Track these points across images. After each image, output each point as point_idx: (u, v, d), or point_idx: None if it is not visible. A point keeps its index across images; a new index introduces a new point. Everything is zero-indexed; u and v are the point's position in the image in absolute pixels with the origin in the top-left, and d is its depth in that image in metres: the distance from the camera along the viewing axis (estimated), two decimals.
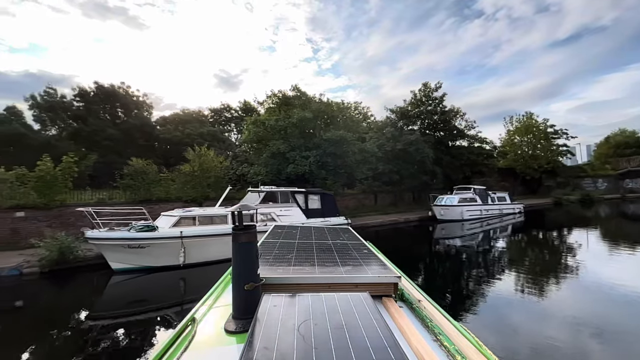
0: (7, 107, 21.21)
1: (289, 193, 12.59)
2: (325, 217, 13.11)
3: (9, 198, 11.88)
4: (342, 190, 22.76)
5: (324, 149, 16.74)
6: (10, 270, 8.88)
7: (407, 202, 27.10)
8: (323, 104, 18.55)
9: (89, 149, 24.06)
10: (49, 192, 12.50)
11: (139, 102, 27.61)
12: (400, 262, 9.82)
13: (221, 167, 17.43)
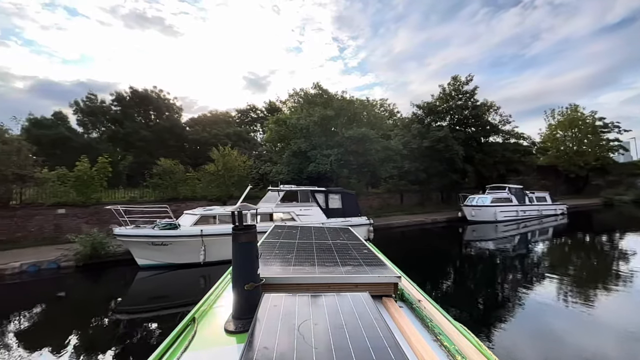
0: (55, 112, 23.20)
1: (309, 192, 12.40)
2: (346, 217, 12.76)
3: (52, 196, 12.84)
4: (367, 189, 22.23)
5: (346, 147, 16.36)
6: (50, 264, 9.53)
7: (435, 202, 25.92)
8: (345, 101, 18.16)
9: (125, 150, 25.62)
10: (86, 190, 13.36)
11: (169, 105, 28.95)
12: (426, 266, 9.29)
13: (244, 167, 17.68)
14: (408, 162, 22.43)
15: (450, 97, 25.96)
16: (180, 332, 1.45)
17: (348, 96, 18.88)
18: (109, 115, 25.78)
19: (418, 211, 22.26)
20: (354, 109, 17.75)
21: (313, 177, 16.84)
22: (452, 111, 25.56)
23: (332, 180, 18.19)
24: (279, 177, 16.74)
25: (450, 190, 25.57)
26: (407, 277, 2.35)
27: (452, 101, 25.75)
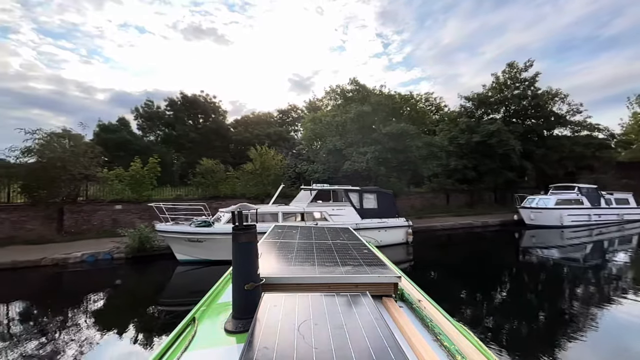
0: (119, 118, 26.12)
1: (342, 191, 11.94)
2: (382, 218, 12.05)
3: (111, 193, 14.26)
4: (408, 188, 21.00)
5: (384, 144, 15.52)
6: (104, 255, 10.49)
7: (487, 203, 23.55)
8: (383, 96, 17.25)
9: (177, 151, 27.78)
10: (139, 188, 14.58)
11: (215, 108, 30.69)
12: (473, 276, 8.09)
13: (281, 165, 17.83)
14: (455, 159, 20.65)
15: (505, 87, 23.30)
16: (180, 332, 1.46)
17: (387, 90, 17.94)
18: (163, 119, 28.19)
19: (466, 213, 20.39)
20: (392, 103, 16.77)
21: (349, 175, 16.31)
22: (508, 102, 22.93)
23: (371, 179, 17.45)
24: (314, 175, 16.55)
25: (505, 190, 23.01)
26: (408, 277, 2.32)
27: (508, 91, 23.09)
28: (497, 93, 23.29)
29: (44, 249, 10.98)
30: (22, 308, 7.06)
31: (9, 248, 11.13)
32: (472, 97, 23.47)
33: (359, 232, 11.05)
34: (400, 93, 19.52)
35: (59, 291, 8.43)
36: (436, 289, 7.90)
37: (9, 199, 12.77)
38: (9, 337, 5.37)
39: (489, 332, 5.38)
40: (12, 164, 12.31)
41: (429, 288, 7.09)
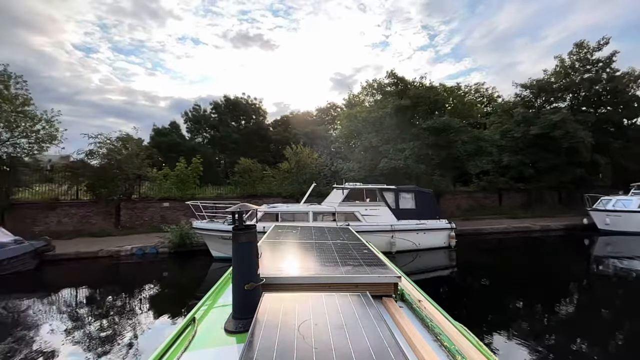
0: (170, 122, 28.43)
1: (377, 190, 11.31)
2: (420, 219, 11.16)
3: (159, 192, 15.42)
4: (453, 187, 19.40)
5: (424, 139, 14.42)
6: (151, 249, 11.30)
7: (548, 204, 20.75)
8: (424, 88, 16.04)
9: (221, 152, 29.29)
10: (183, 187, 15.55)
11: (256, 109, 31.77)
12: (531, 286, 6.98)
13: (316, 164, 17.68)
14: (508, 155, 18.50)
15: (573, 70, 20.23)
16: (180, 332, 1.46)
17: (428, 82, 16.66)
18: (208, 122, 29.96)
19: (522, 215, 18.17)
20: (434, 96, 15.50)
21: (388, 174, 15.49)
22: (575, 88, 19.90)
23: (411, 178, 16.41)
24: (349, 174, 16.05)
25: (571, 189, 20.06)
26: (408, 277, 2.31)
27: (575, 75, 20.02)
28: (562, 78, 20.29)
29: (103, 241, 12.22)
30: (82, 293, 8.06)
31: (76, 240, 12.60)
32: (530, 84, 20.77)
33: (395, 233, 10.46)
34: (444, 84, 18.04)
35: (111, 280, 9.30)
36: (484, 301, 6.98)
37: (77, 197, 14.49)
38: (71, 317, 6.26)
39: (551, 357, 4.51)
40: (79, 165, 13.92)
41: (476, 299, 6.21)
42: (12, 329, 5.67)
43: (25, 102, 13.26)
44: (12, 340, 5.22)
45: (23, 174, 13.82)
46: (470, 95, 21.95)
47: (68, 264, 10.32)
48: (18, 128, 13.06)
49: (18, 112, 13.02)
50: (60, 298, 7.58)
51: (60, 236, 12.78)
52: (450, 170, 16.33)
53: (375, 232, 10.45)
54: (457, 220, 16.24)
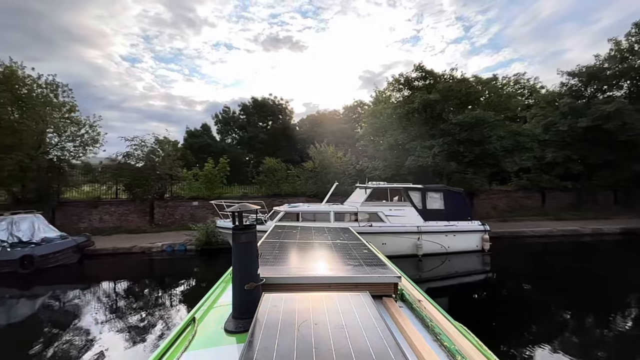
0: (202, 124, 29.65)
1: (402, 190, 10.77)
2: (450, 221, 10.45)
3: (188, 191, 16.07)
4: (489, 186, 18.08)
5: (454, 135, 13.50)
6: (179, 246, 11.76)
7: (601, 204, 18.61)
8: (454, 81, 15.04)
9: (249, 152, 30.00)
10: (211, 186, 16.05)
11: (282, 109, 32.14)
12: (581, 297, 6.25)
13: (340, 163, 17.37)
14: (553, 150, 16.83)
15: (631, 53, 17.88)
16: (180, 332, 1.47)
17: (459, 74, 15.59)
18: (237, 123, 30.84)
19: (569, 216, 16.44)
20: (466, 88, 14.46)
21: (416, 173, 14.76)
22: (634, 73, 17.57)
23: (441, 176, 15.51)
24: (375, 173, 15.55)
25: (630, 188, 17.80)
26: (408, 277, 2.32)
27: (634, 58, 17.67)
28: (618, 63, 18.00)
29: (138, 238, 12.94)
30: (116, 286, 8.67)
31: (115, 236, 13.49)
32: (579, 71, 18.69)
33: (421, 235, 9.88)
34: (479, 76, 16.80)
35: (142, 274, 9.86)
36: (523, 312, 6.29)
37: (117, 195, 15.53)
38: (105, 307, 6.89)
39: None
40: (117, 166, 14.91)
41: (513, 309, 5.58)
42: (58, 315, 6.55)
43: (71, 109, 14.46)
44: (57, 324, 5.95)
45: (70, 175, 15.10)
46: (509, 87, 20.25)
47: (106, 258, 11.06)
48: (65, 133, 14.28)
49: (65, 118, 14.24)
50: (98, 289, 8.24)
51: (101, 232, 13.78)
52: (485, 167, 15.17)
53: (400, 233, 9.96)
54: (493, 221, 15.09)
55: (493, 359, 1.28)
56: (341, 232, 3.78)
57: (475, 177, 14.84)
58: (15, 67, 12.97)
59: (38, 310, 6.96)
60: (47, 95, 13.72)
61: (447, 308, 1.75)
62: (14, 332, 5.91)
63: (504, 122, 14.39)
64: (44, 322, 6.22)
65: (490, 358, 1.27)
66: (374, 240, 9.84)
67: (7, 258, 8.79)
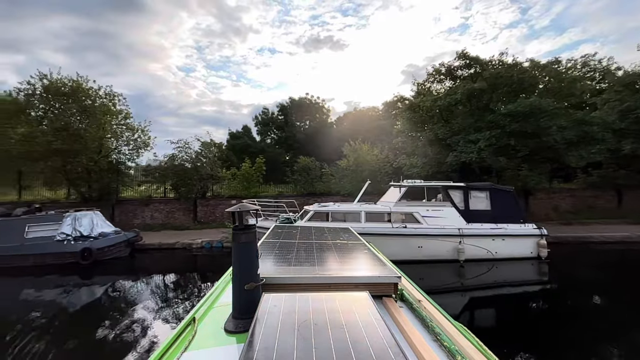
0: (243, 126, 30.89)
1: (440, 188, 9.89)
2: (498, 223, 9.34)
3: (228, 190, 16.76)
4: (549, 184, 15.96)
5: (503, 127, 12.03)
6: (217, 243, 12.28)
7: None
8: (504, 67, 13.41)
9: (287, 151, 30.50)
10: (248, 185, 16.55)
11: (319, 108, 32.12)
12: None
13: (377, 160, 16.71)
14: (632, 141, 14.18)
15: None
16: (180, 332, 1.46)
17: (510, 59, 13.87)
18: (275, 123, 31.57)
19: None
20: (518, 74, 12.79)
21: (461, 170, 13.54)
22: None
23: (490, 174, 14.03)
24: (413, 170, 14.63)
25: None
26: (408, 277, 2.32)
27: None
28: None
29: (182, 234, 13.83)
30: (161, 278, 9.46)
31: (162, 232, 14.58)
32: None
33: (463, 239, 8.99)
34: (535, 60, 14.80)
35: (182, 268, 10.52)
36: (596, 331, 5.28)
37: (165, 195, 16.80)
38: (155, 296, 7.74)
39: None
40: (165, 167, 16.10)
41: (578, 327, 4.68)
42: (114, 302, 7.49)
43: (126, 115, 15.98)
44: (115, 309, 6.87)
45: (126, 176, 16.71)
46: (575, 71, 17.59)
47: (152, 252, 11.97)
48: (121, 138, 15.82)
49: (121, 125, 15.78)
50: (146, 281, 9.06)
51: (152, 228, 15.01)
52: (543, 163, 13.33)
53: (438, 236, 9.14)
54: (554, 224, 13.25)
55: (493, 359, 1.27)
56: (341, 232, 3.75)
57: (531, 174, 13.11)
58: (81, 81, 14.70)
59: (99, 297, 7.93)
60: (106, 104, 15.33)
61: (494, 322, 1.63)
62: (82, 315, 6.76)
63: (566, 110, 12.48)
64: (105, 307, 7.16)
65: (490, 358, 1.27)
66: (409, 243, 9.25)
67: (71, 250, 9.92)
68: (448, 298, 7.53)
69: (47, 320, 6.25)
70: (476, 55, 14.48)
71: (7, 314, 6.58)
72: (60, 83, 14.18)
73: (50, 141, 12.69)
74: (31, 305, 7.21)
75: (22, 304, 7.38)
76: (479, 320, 6.35)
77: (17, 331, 5.48)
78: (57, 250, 9.90)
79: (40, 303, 7.43)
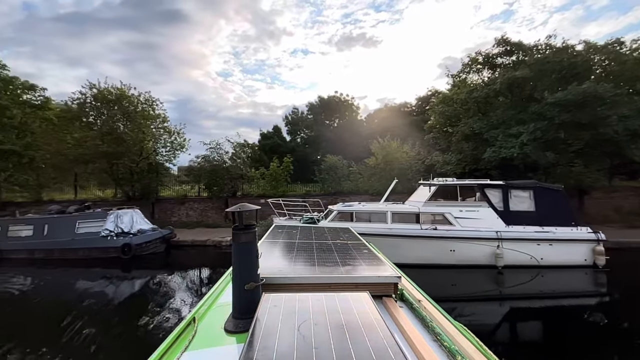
0: (273, 126, 31.44)
1: (476, 187, 9.09)
2: (543, 225, 8.36)
3: (257, 189, 17.09)
4: (609, 181, 14.10)
5: (551, 118, 10.75)
6: None
7: None
8: (552, 51, 11.98)
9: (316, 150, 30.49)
10: (276, 185, 16.73)
11: (348, 105, 31.67)
12: None
13: (407, 158, 15.97)
14: None
15: None
16: (180, 332, 1.47)
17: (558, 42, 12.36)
18: (305, 123, 31.72)
19: None
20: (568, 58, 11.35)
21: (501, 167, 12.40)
22: None
23: (537, 171, 12.68)
24: (447, 167, 13.74)
25: None
26: (407, 277, 2.32)
27: None
28: None
29: (214, 232, 14.36)
30: (194, 272, 10.03)
31: (196, 229, 15.27)
32: None
33: (502, 243, 8.19)
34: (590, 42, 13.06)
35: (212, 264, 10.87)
36: None
37: (199, 194, 17.59)
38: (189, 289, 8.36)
39: None
40: (199, 167, 16.84)
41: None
42: (153, 293, 8.10)
43: (164, 119, 16.96)
44: (154, 300, 7.48)
45: (164, 176, 17.77)
46: None
47: (186, 249, 12.55)
48: (160, 141, 16.84)
49: (159, 128, 16.79)
50: (180, 275, 9.60)
51: (187, 226, 15.78)
52: (600, 158, 11.73)
53: (473, 239, 8.40)
54: (615, 228, 11.65)
55: (493, 359, 1.28)
56: (341, 232, 3.74)
57: (587, 171, 11.61)
58: (124, 88, 15.88)
59: (139, 288, 8.66)
60: (146, 109, 16.41)
61: (540, 337, 1.33)
62: (124, 304, 7.39)
63: (630, 97, 10.83)
64: (144, 298, 7.78)
65: (490, 358, 1.27)
66: (440, 246, 8.61)
67: (113, 245, 10.71)
68: (484, 306, 6.90)
69: (97, 308, 6.95)
70: (519, 40, 13.16)
71: (66, 301, 7.46)
72: (107, 91, 15.44)
73: (97, 145, 13.86)
74: (83, 294, 8.12)
75: (76, 292, 8.30)
76: (522, 334, 5.70)
77: (72, 317, 6.11)
78: (101, 245, 10.75)
79: (90, 292, 8.29)
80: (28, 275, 9.58)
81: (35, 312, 6.81)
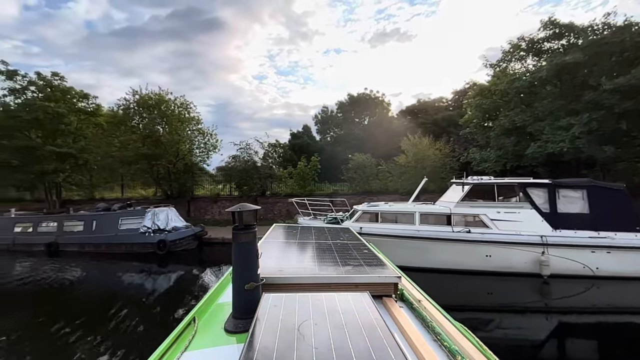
0: (303, 126, 31.54)
1: (516, 186, 8.22)
2: (599, 230, 7.33)
3: (285, 188, 17.24)
4: None
5: (609, 107, 9.37)
6: None
7: None
8: (611, 31, 10.44)
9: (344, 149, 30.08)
10: (303, 183, 16.73)
11: (379, 102, 30.77)
12: None
13: (440, 155, 15.06)
14: None
15: None
16: (180, 332, 1.48)
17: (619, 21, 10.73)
18: (334, 121, 31.44)
19: None
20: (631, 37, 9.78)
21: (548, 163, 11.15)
22: None
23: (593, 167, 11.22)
24: (484, 165, 12.71)
25: None
26: (407, 277, 2.34)
27: None
28: None
29: None
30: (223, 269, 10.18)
31: (228, 227, 15.78)
32: None
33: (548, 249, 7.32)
34: None
35: None
36: None
37: (230, 192, 18.20)
38: None
39: None
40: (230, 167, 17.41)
41: None
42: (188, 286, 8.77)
43: (198, 121, 17.77)
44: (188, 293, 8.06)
45: (199, 176, 18.65)
46: None
47: (216, 246, 13.03)
48: (194, 142, 17.69)
49: (194, 130, 17.63)
50: (211, 270, 10.01)
51: (219, 224, 16.39)
52: None
53: (513, 244, 7.60)
54: None
55: (493, 359, 1.27)
56: (341, 232, 3.74)
57: None
58: (162, 93, 16.90)
59: (174, 281, 9.33)
60: (182, 112, 17.33)
61: None
62: (162, 295, 7.97)
63: None
64: (179, 290, 8.43)
65: (491, 358, 1.27)
66: (474, 250, 7.91)
67: (150, 241, 11.41)
68: (527, 319, 6.21)
69: (139, 298, 7.62)
70: (570, 21, 11.72)
71: (113, 292, 8.33)
72: (147, 97, 16.56)
73: (138, 147, 14.90)
74: (127, 285, 9.04)
75: (121, 283, 9.25)
76: (572, 353, 5.02)
77: (118, 306, 6.77)
78: (140, 240, 11.51)
79: (132, 284, 9.17)
80: (79, 267, 10.60)
81: (88, 300, 7.70)
